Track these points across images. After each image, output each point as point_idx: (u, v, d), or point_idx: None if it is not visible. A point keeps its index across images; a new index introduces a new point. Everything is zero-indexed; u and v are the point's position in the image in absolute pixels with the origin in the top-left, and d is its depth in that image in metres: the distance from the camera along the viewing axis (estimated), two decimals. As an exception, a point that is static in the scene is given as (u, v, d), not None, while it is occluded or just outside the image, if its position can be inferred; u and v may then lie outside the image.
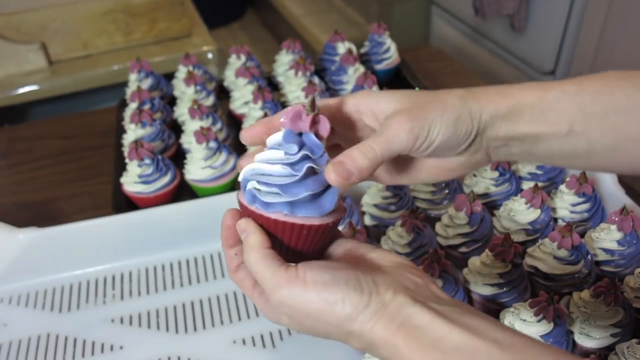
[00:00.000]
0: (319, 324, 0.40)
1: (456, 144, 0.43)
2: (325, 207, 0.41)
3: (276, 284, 0.39)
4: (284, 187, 0.40)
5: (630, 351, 0.59)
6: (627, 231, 0.72)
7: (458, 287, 0.68)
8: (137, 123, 0.94)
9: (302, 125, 0.40)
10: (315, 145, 0.41)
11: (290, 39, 1.15)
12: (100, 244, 0.80)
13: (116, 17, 1.50)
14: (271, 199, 0.40)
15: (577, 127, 0.42)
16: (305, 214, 0.41)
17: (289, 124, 0.40)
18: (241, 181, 0.42)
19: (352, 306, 0.38)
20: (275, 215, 0.41)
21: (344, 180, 0.39)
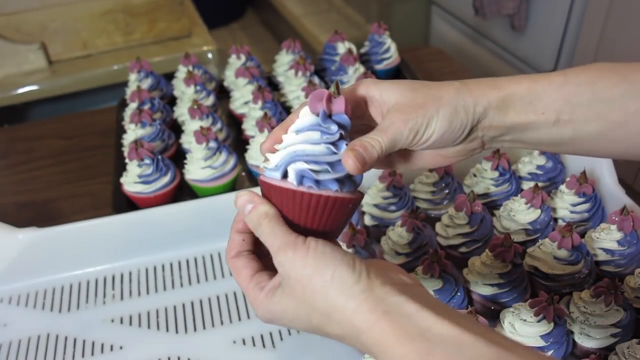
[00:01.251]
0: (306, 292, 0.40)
1: (452, 137, 0.46)
2: (357, 181, 0.45)
3: (284, 243, 0.41)
4: (332, 165, 0.43)
5: (631, 351, 0.59)
6: (627, 231, 0.72)
7: (458, 287, 0.68)
8: (137, 123, 0.94)
9: (337, 107, 0.43)
10: (347, 123, 0.43)
11: (290, 39, 1.15)
12: (100, 244, 0.80)
13: (116, 17, 1.50)
14: (323, 177, 0.43)
15: (564, 116, 0.45)
16: (348, 190, 0.44)
17: (324, 104, 0.43)
18: (280, 164, 0.43)
19: (340, 279, 0.39)
20: (327, 192, 0.43)
21: (361, 166, 0.42)
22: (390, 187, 0.79)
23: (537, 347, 0.61)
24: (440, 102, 0.45)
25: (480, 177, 0.84)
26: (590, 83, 0.45)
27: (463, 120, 0.45)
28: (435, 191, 0.82)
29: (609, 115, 0.44)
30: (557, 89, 0.45)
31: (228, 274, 0.80)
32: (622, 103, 0.44)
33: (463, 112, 0.45)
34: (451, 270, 0.68)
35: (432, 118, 0.44)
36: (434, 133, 0.45)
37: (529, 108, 0.45)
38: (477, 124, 0.46)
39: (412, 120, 0.44)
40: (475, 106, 0.45)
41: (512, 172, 0.83)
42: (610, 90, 0.44)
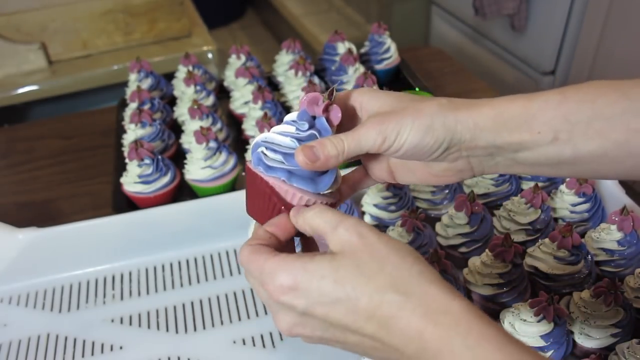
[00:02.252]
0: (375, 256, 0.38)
1: (426, 150, 0.44)
2: (320, 186, 0.44)
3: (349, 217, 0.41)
4: (287, 156, 0.43)
5: (631, 351, 0.59)
6: (627, 231, 0.72)
7: (458, 287, 0.68)
8: (137, 123, 0.94)
9: (317, 109, 0.44)
10: (324, 128, 0.44)
11: (290, 39, 1.15)
12: (100, 244, 0.80)
13: (116, 17, 1.50)
14: (273, 164, 0.44)
15: (562, 135, 0.43)
16: (300, 186, 0.44)
17: (305, 104, 0.44)
18: (252, 146, 0.46)
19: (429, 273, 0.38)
20: (273, 179, 0.44)
21: (310, 162, 0.42)
22: (390, 187, 0.79)
23: (537, 347, 0.61)
24: (419, 114, 0.44)
25: (480, 177, 0.84)
26: (589, 101, 0.43)
27: (439, 136, 0.44)
28: (435, 191, 0.82)
29: (609, 134, 0.42)
30: (554, 107, 0.43)
31: (228, 273, 0.80)
32: (623, 121, 0.42)
33: (441, 129, 0.43)
34: (451, 270, 0.68)
35: (406, 127, 0.43)
36: (405, 142, 0.44)
37: (523, 127, 0.43)
38: (459, 144, 0.44)
39: (383, 125, 0.43)
40: (457, 124, 0.44)
41: (512, 172, 0.83)
42: (610, 108, 0.42)
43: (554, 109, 0.43)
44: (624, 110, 0.42)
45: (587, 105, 0.42)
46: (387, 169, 0.49)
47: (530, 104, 0.43)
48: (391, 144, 0.44)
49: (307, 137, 0.44)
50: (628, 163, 0.43)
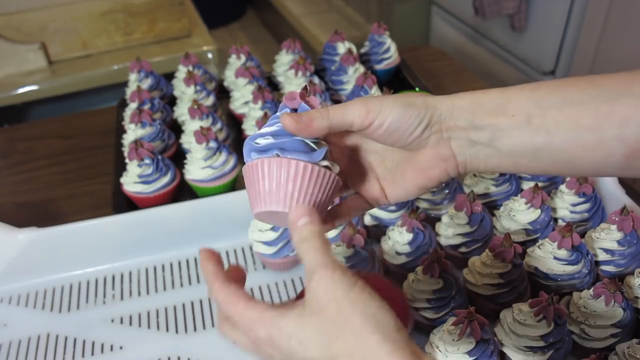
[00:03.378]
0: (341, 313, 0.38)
1: (408, 126, 0.46)
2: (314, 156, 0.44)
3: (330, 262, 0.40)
4: (276, 136, 0.44)
5: (631, 351, 0.59)
6: (627, 231, 0.71)
7: (458, 287, 0.68)
8: (137, 123, 0.94)
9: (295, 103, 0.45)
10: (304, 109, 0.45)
11: (290, 39, 1.15)
12: (100, 244, 0.80)
13: (116, 17, 1.50)
14: (265, 148, 0.44)
15: (534, 120, 0.44)
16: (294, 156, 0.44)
17: (285, 100, 0.46)
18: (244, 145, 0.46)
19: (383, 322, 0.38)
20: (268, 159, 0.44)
21: (295, 122, 0.43)
22: (390, 187, 0.79)
23: (537, 347, 0.61)
24: (402, 96, 0.46)
25: (480, 177, 0.84)
26: (560, 88, 0.45)
27: (420, 111, 0.45)
28: (435, 191, 0.82)
29: (580, 119, 0.43)
30: (527, 94, 0.45)
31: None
32: (593, 106, 0.43)
33: (422, 105, 0.45)
34: (451, 270, 0.68)
35: (388, 103, 0.45)
36: (388, 116, 0.45)
37: (498, 110, 0.45)
38: (440, 121, 0.46)
39: (368, 101, 0.45)
40: (436, 104, 0.46)
41: (512, 172, 0.83)
42: (580, 94, 0.44)
43: (526, 96, 0.45)
44: (592, 96, 0.43)
45: (558, 92, 0.44)
46: (377, 186, 0.50)
47: (505, 91, 0.46)
48: (375, 116, 0.45)
49: None
50: (601, 151, 0.44)
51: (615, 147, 0.43)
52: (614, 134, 0.43)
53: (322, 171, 0.44)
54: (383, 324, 0.37)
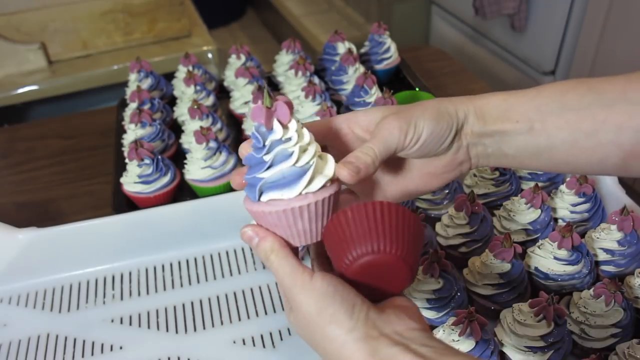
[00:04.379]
0: (309, 327, 0.42)
1: (440, 137, 0.48)
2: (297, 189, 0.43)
3: (291, 281, 0.43)
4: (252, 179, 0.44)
5: (631, 351, 0.59)
6: (627, 231, 0.71)
7: (458, 287, 0.68)
8: (137, 123, 0.94)
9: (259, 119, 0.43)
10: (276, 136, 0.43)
11: (290, 39, 1.15)
12: (100, 244, 0.80)
13: (116, 17, 1.50)
14: None
15: (536, 125, 0.47)
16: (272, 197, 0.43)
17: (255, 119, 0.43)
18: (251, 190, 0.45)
19: (337, 324, 0.40)
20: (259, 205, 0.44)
21: (355, 174, 0.44)
22: (390, 187, 0.79)
23: (537, 347, 0.61)
24: (424, 106, 0.47)
25: (480, 177, 0.84)
26: (560, 94, 0.47)
27: (448, 121, 0.47)
28: (435, 191, 0.82)
29: (578, 124, 0.46)
30: (529, 100, 0.48)
31: (228, 273, 0.80)
32: (591, 112, 0.46)
33: (446, 115, 0.47)
34: (451, 270, 0.68)
35: (419, 118, 0.46)
36: (423, 131, 0.47)
37: (504, 116, 0.48)
38: (461, 129, 0.48)
39: (399, 120, 0.46)
40: (457, 111, 0.48)
41: (512, 172, 0.83)
42: (578, 101, 0.46)
43: (528, 102, 0.48)
44: (590, 102, 0.46)
45: (557, 98, 0.47)
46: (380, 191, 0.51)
47: (509, 97, 0.48)
48: (412, 136, 0.46)
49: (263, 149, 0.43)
50: (599, 154, 0.46)
51: (611, 151, 0.46)
52: (610, 139, 0.45)
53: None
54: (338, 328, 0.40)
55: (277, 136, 0.43)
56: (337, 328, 0.40)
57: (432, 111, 0.47)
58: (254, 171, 0.44)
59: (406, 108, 0.47)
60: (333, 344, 0.40)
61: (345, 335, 0.40)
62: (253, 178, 0.44)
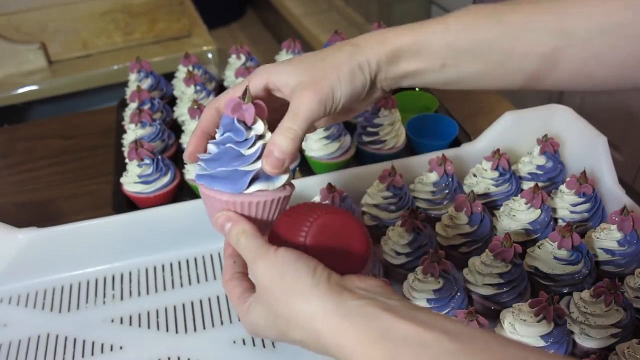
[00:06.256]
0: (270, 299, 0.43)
1: (357, 95, 0.50)
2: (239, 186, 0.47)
3: (257, 255, 0.44)
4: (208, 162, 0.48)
5: (631, 351, 0.59)
6: (627, 231, 0.71)
7: (458, 287, 0.68)
8: (137, 123, 0.94)
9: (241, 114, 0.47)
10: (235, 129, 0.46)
11: (290, 39, 1.15)
12: (100, 244, 0.80)
13: (116, 17, 1.50)
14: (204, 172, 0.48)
15: (449, 62, 0.50)
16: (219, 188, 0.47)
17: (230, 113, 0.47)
18: None
19: (299, 283, 0.41)
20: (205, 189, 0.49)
21: (279, 169, 0.46)
22: (390, 187, 0.79)
23: (537, 347, 0.61)
24: (338, 68, 0.48)
25: (480, 177, 0.84)
26: (468, 29, 0.50)
27: (362, 78, 0.49)
28: (435, 191, 0.82)
29: (488, 57, 0.49)
30: (439, 37, 0.50)
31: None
32: (498, 44, 0.49)
33: (359, 72, 0.49)
34: (451, 270, 0.68)
35: (335, 85, 0.48)
36: (342, 97, 0.48)
37: (417, 57, 0.50)
38: (375, 78, 0.50)
39: (318, 93, 0.47)
40: (369, 63, 0.49)
41: (512, 172, 0.83)
42: (486, 34, 0.49)
43: (439, 40, 0.50)
44: (497, 35, 0.49)
45: (466, 34, 0.50)
46: None
47: (419, 37, 0.50)
48: (331, 105, 0.48)
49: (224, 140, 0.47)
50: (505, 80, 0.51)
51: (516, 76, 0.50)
52: (515, 67, 0.50)
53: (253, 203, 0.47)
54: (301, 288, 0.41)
55: (259, 131, 0.47)
56: (300, 288, 0.40)
57: (347, 74, 0.48)
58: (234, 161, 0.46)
59: (321, 73, 0.48)
60: (296, 304, 0.41)
61: (308, 292, 0.40)
62: (239, 172, 0.46)
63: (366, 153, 0.94)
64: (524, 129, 0.90)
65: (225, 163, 0.47)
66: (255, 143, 0.47)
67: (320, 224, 0.45)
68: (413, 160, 0.87)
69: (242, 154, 0.46)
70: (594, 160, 0.83)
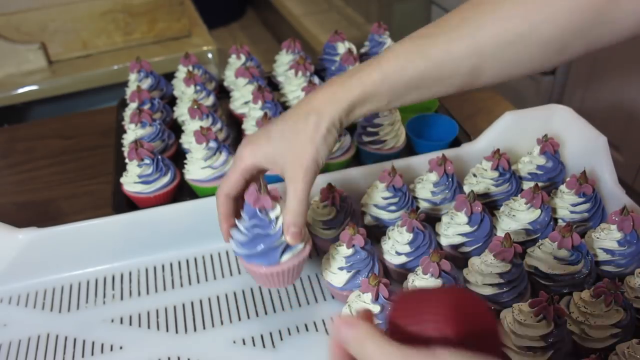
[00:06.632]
0: None
1: (332, 149, 0.62)
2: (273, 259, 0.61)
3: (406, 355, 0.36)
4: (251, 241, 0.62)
5: (631, 351, 0.59)
6: (627, 231, 0.71)
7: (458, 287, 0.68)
8: (137, 123, 0.94)
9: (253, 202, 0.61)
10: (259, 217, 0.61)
11: (290, 39, 1.15)
12: (100, 244, 0.80)
13: (116, 17, 1.50)
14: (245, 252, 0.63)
15: (392, 98, 0.62)
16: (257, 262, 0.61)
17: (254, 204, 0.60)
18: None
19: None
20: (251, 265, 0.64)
21: (300, 238, 0.61)
22: (390, 187, 0.79)
23: (537, 347, 0.61)
24: (313, 140, 0.59)
25: (480, 177, 0.84)
26: (402, 69, 0.60)
27: (332, 138, 0.61)
28: (435, 191, 0.82)
29: (422, 87, 0.61)
30: (381, 84, 0.60)
31: (228, 273, 0.80)
32: (428, 76, 0.60)
33: (329, 135, 0.61)
34: (451, 270, 0.68)
35: (316, 155, 0.59)
36: (323, 159, 0.61)
37: (367, 104, 0.62)
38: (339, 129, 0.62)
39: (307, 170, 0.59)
40: (334, 124, 0.61)
41: (512, 172, 0.83)
42: (416, 71, 0.60)
43: (381, 87, 0.61)
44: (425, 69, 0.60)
45: (401, 74, 0.60)
46: None
47: (365, 88, 0.60)
48: (317, 169, 0.61)
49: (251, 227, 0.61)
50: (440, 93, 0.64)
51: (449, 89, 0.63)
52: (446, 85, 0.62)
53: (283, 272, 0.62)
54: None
55: (278, 212, 0.61)
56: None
57: (321, 141, 0.60)
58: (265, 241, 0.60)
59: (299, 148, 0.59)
60: None
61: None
62: (271, 248, 0.60)
63: (366, 153, 0.94)
64: (524, 129, 0.90)
65: (257, 244, 0.60)
66: (277, 222, 0.60)
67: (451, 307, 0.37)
68: (413, 160, 0.87)
69: (269, 233, 0.60)
70: (594, 160, 0.83)
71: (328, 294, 0.76)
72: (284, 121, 0.60)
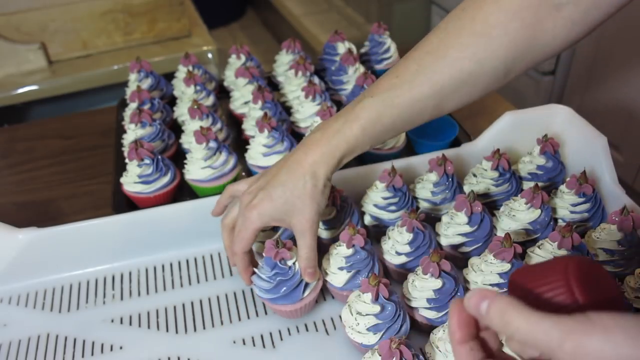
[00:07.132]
0: None
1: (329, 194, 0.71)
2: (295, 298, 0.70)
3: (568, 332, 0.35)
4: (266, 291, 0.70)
5: (631, 351, 0.59)
6: (627, 231, 0.71)
7: (458, 287, 0.68)
8: (137, 123, 0.94)
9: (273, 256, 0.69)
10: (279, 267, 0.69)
11: (290, 39, 1.15)
12: (100, 244, 0.80)
13: (116, 17, 1.50)
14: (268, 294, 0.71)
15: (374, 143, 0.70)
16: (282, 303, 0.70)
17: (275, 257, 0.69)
18: None
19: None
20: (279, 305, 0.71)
21: (315, 277, 0.71)
22: (390, 187, 0.79)
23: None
24: (312, 198, 0.67)
25: (480, 177, 0.84)
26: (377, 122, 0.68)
27: (327, 191, 0.69)
28: (435, 191, 0.82)
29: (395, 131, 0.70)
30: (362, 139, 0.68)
31: (228, 274, 0.80)
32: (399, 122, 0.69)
33: (326, 189, 0.69)
34: (451, 270, 0.68)
35: (317, 208, 0.68)
36: (322, 208, 0.69)
37: (352, 154, 0.70)
38: None
39: (312, 223, 0.68)
40: (329, 180, 0.69)
41: (512, 172, 0.83)
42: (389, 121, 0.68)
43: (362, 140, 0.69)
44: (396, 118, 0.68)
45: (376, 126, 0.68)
46: None
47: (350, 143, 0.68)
48: (319, 218, 0.69)
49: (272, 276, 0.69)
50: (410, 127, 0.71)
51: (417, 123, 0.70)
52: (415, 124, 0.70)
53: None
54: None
55: (294, 259, 0.70)
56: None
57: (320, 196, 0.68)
58: (286, 284, 0.69)
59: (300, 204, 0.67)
60: None
61: None
62: (293, 290, 0.69)
63: (366, 153, 0.94)
64: (524, 129, 0.90)
65: (280, 288, 0.69)
66: (295, 266, 0.69)
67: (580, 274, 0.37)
68: (413, 160, 0.87)
69: (290, 278, 0.69)
70: (594, 160, 0.83)
71: (328, 294, 0.76)
72: (283, 185, 0.67)
